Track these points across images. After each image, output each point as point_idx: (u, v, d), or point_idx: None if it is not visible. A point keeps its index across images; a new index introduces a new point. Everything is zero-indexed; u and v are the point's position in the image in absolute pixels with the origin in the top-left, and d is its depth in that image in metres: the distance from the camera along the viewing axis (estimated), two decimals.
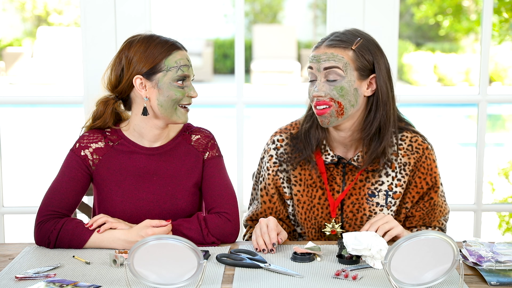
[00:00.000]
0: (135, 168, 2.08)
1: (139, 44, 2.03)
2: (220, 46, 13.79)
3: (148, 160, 2.09)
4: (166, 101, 2.02)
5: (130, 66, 2.02)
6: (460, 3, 11.24)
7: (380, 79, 2.04)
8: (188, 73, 2.04)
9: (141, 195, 2.07)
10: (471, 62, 11.98)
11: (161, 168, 2.09)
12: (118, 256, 1.82)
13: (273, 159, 2.18)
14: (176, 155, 2.11)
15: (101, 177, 2.08)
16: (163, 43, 2.03)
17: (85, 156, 2.08)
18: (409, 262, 1.62)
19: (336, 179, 2.13)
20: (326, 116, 2.01)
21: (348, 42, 2.02)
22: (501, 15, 3.76)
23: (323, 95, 2.01)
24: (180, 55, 2.04)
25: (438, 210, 2.13)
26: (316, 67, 2.03)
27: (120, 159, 2.08)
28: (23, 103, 3.53)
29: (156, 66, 2.01)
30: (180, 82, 2.02)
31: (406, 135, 2.13)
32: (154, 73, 2.01)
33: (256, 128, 8.05)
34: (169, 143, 2.12)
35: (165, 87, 2.01)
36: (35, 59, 11.78)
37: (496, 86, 11.05)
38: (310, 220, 2.14)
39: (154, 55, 2.01)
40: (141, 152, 2.09)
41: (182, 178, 2.10)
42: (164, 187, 2.08)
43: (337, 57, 2.01)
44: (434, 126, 9.28)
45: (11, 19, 13.77)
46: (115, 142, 2.10)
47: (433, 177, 2.12)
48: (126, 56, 2.03)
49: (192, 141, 2.14)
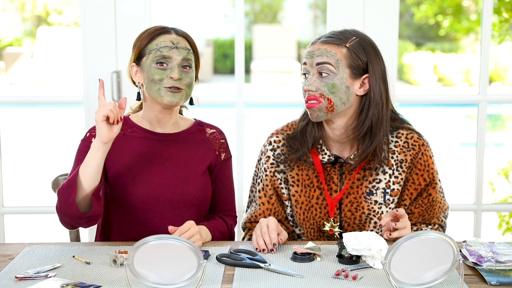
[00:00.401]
0: (148, 153, 2.11)
1: (138, 36, 2.12)
2: (220, 46, 13.80)
3: (161, 146, 2.13)
4: (148, 83, 2.05)
5: (131, 56, 2.13)
6: (460, 3, 11.25)
7: (373, 79, 2.04)
8: (168, 54, 2.04)
9: (152, 179, 2.09)
10: (471, 62, 11.98)
11: (174, 154, 2.13)
12: (118, 256, 1.82)
13: (270, 160, 2.18)
14: (190, 143, 2.16)
15: (112, 162, 2.10)
16: (152, 31, 2.09)
17: None
18: (409, 262, 1.62)
19: (333, 178, 2.13)
20: (315, 110, 2.02)
21: (343, 40, 2.04)
22: (501, 15, 3.76)
23: (314, 89, 2.02)
24: (164, 38, 2.07)
25: (437, 206, 2.14)
26: (309, 63, 2.04)
27: (132, 146, 2.12)
28: (23, 103, 3.53)
29: (141, 51, 2.08)
30: (160, 64, 2.04)
31: (402, 132, 2.14)
32: (140, 58, 2.08)
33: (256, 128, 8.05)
34: (182, 131, 2.17)
35: (146, 69, 2.06)
36: (35, 59, 11.78)
37: (496, 86, 11.06)
38: (309, 221, 2.14)
39: (142, 42, 2.08)
40: (153, 137, 2.13)
41: (194, 165, 2.14)
42: (176, 172, 2.11)
43: (330, 53, 2.01)
44: (434, 126, 9.29)
45: (11, 19, 13.77)
46: (126, 130, 2.14)
47: (430, 173, 2.12)
48: (132, 49, 2.14)
49: (207, 133, 2.20)
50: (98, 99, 1.95)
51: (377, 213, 2.10)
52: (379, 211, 2.10)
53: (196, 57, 2.13)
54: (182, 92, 2.05)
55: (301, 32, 13.94)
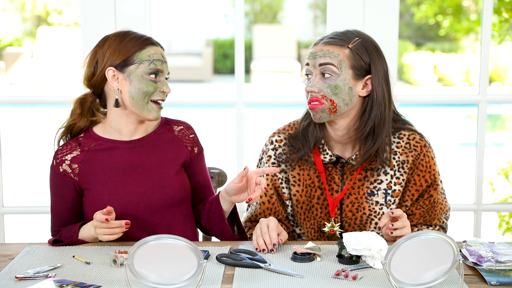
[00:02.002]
0: (119, 164, 2.08)
1: (113, 38, 2.07)
2: (220, 46, 13.79)
3: (131, 154, 2.09)
4: (137, 93, 2.03)
5: (103, 59, 2.05)
6: (460, 3, 11.24)
7: (376, 80, 2.04)
8: (161, 68, 2.05)
9: (128, 189, 2.06)
10: (471, 62, 11.98)
11: (145, 160, 2.09)
12: (118, 256, 1.82)
13: (272, 159, 2.18)
14: (159, 145, 2.12)
15: (86, 183, 2.07)
16: (137, 38, 2.06)
17: (64, 171, 2.08)
18: (409, 262, 1.61)
19: (334, 178, 2.13)
20: (318, 111, 2.02)
21: (345, 41, 2.03)
22: (501, 15, 3.76)
23: (316, 90, 2.01)
24: (154, 49, 2.06)
25: (438, 208, 2.13)
26: (312, 63, 2.04)
27: (100, 159, 2.08)
28: (23, 103, 3.53)
29: (128, 59, 2.04)
30: (152, 76, 2.03)
31: (404, 133, 2.13)
32: (126, 65, 2.04)
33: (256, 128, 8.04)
34: (150, 134, 2.13)
35: (137, 79, 2.03)
36: (35, 59, 11.78)
37: (496, 86, 11.05)
38: (309, 220, 2.14)
39: (127, 48, 2.04)
40: (121, 146, 2.09)
41: (166, 166, 2.10)
42: (150, 177, 2.08)
43: (332, 54, 2.01)
44: (434, 126, 9.28)
45: (11, 19, 13.77)
46: (91, 145, 2.10)
47: (432, 175, 2.12)
48: (101, 49, 2.07)
49: (175, 131, 2.17)
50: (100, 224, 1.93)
51: (378, 214, 2.10)
52: (380, 212, 2.10)
53: None
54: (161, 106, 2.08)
55: (301, 32, 13.94)
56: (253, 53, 12.78)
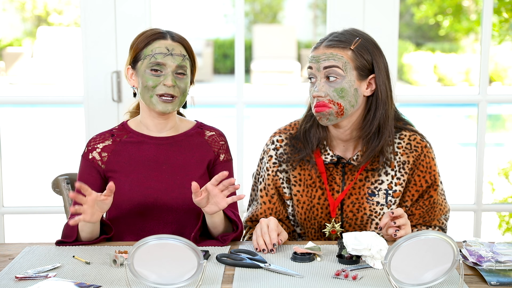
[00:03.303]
0: (145, 158, 2.11)
1: (135, 38, 2.12)
2: (220, 46, 13.79)
3: (158, 150, 2.12)
4: (142, 89, 2.06)
5: (128, 58, 2.13)
6: (460, 3, 11.25)
7: (380, 78, 2.04)
8: (163, 61, 2.04)
9: (149, 184, 2.09)
10: (471, 62, 11.98)
11: (171, 158, 2.12)
12: (118, 256, 1.82)
13: (273, 159, 2.18)
14: (187, 146, 2.14)
15: (112, 171, 2.11)
16: (149, 34, 2.09)
17: (93, 158, 2.11)
18: (409, 262, 1.62)
19: (335, 179, 2.13)
20: (325, 115, 2.02)
21: (346, 42, 2.03)
22: (501, 15, 3.76)
23: (323, 95, 2.01)
24: (159, 44, 2.06)
25: (438, 209, 2.13)
26: (315, 67, 2.03)
27: (129, 151, 2.12)
28: (23, 103, 3.53)
29: (137, 55, 2.08)
30: (154, 70, 2.04)
31: (405, 134, 2.13)
32: (136, 62, 2.08)
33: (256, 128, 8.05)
34: (180, 134, 2.15)
35: (141, 74, 2.06)
36: (35, 59, 11.78)
37: (496, 86, 11.06)
38: (310, 220, 2.14)
39: (137, 45, 2.08)
40: (150, 141, 2.12)
41: (191, 168, 2.12)
42: (173, 176, 2.10)
43: (336, 56, 2.01)
44: (434, 126, 9.29)
45: (11, 19, 13.77)
46: (122, 137, 2.14)
47: (432, 175, 2.12)
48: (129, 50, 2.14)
49: (206, 135, 2.18)
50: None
51: (379, 214, 2.10)
52: (380, 212, 2.10)
53: (192, 62, 2.12)
54: (175, 101, 2.05)
55: (301, 32, 13.94)
56: (253, 53, 12.78)
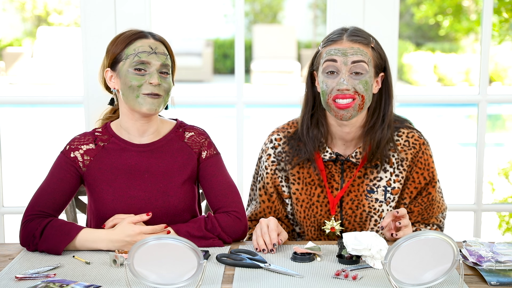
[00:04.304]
0: (126, 166, 2.07)
1: (112, 40, 2.08)
2: (220, 46, 13.79)
3: (139, 157, 2.07)
4: (126, 89, 2.01)
5: (104, 62, 2.09)
6: (460, 3, 11.25)
7: (390, 77, 2.10)
8: (147, 59, 2.00)
9: (132, 193, 2.05)
10: (471, 62, 11.98)
11: (153, 165, 2.07)
12: (118, 256, 1.82)
13: (271, 158, 2.18)
14: (168, 151, 2.10)
15: (92, 178, 2.07)
16: (128, 34, 2.05)
17: (75, 157, 2.07)
18: (409, 262, 1.62)
19: (334, 176, 2.13)
20: (349, 110, 2.02)
21: (367, 39, 2.07)
22: (501, 15, 3.76)
23: (350, 88, 2.01)
24: (142, 43, 2.02)
25: (436, 206, 2.15)
26: (342, 60, 2.02)
27: (111, 158, 2.07)
28: (23, 103, 3.53)
29: (117, 56, 2.04)
30: (138, 69, 2.00)
31: (403, 131, 2.15)
32: (116, 63, 2.04)
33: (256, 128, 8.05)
34: (160, 139, 2.10)
35: (123, 74, 2.02)
36: (35, 59, 11.78)
37: (496, 86, 11.06)
38: (310, 218, 2.14)
39: (117, 46, 2.04)
40: (131, 149, 2.08)
41: (174, 175, 2.08)
42: (156, 184, 2.06)
43: (363, 51, 2.03)
44: (434, 126, 9.29)
45: (11, 19, 13.77)
46: (105, 142, 2.09)
47: (431, 172, 2.13)
48: (105, 54, 2.09)
49: (185, 138, 2.13)
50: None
51: (378, 211, 2.11)
52: (379, 209, 2.11)
53: (173, 62, 2.09)
54: (161, 99, 2.01)
55: (301, 32, 13.94)
56: (253, 53, 12.78)
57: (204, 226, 2.00)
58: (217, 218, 2.03)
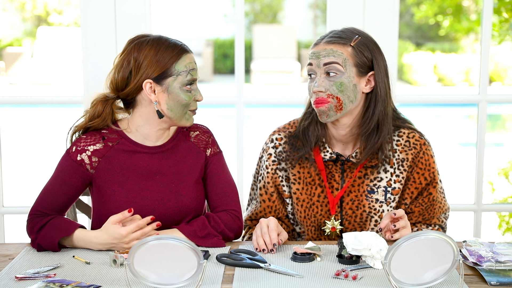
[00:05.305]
0: (138, 168, 2.06)
1: (149, 47, 2.00)
2: (220, 46, 13.80)
3: (151, 159, 2.08)
4: (176, 105, 2.01)
5: (139, 70, 2.00)
6: (460, 3, 11.24)
7: (379, 76, 2.06)
8: (196, 76, 2.04)
9: (145, 194, 2.05)
10: (471, 62, 11.98)
11: (164, 166, 2.08)
12: (118, 256, 1.82)
13: (272, 157, 2.18)
14: (178, 152, 2.11)
15: (102, 180, 2.05)
16: (173, 47, 2.01)
17: (82, 160, 2.04)
18: (409, 262, 1.62)
19: (335, 176, 2.14)
20: (325, 110, 2.03)
21: (346, 39, 2.05)
22: (501, 15, 3.76)
23: (323, 90, 2.02)
24: (189, 58, 2.03)
25: (437, 206, 2.14)
26: (315, 63, 2.05)
27: (121, 159, 2.06)
28: (23, 103, 3.54)
29: (166, 71, 1.99)
30: (188, 86, 2.02)
31: (404, 132, 2.15)
32: (164, 78, 2.00)
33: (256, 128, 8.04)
34: (169, 141, 2.11)
35: (175, 91, 2.00)
36: (35, 59, 11.78)
37: (496, 86, 11.05)
38: (310, 218, 2.14)
39: (165, 60, 1.99)
40: (143, 151, 2.07)
41: (185, 174, 2.09)
42: (168, 184, 2.07)
43: (336, 52, 2.02)
44: (434, 126, 9.29)
45: (11, 19, 13.77)
46: (114, 141, 2.07)
47: (431, 173, 2.13)
48: (135, 59, 2.00)
49: (191, 137, 2.14)
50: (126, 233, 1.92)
51: (378, 211, 2.11)
52: (380, 210, 2.11)
53: None
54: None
55: (301, 32, 13.94)
56: (253, 53, 12.78)
57: (208, 223, 2.02)
58: (218, 215, 2.06)
